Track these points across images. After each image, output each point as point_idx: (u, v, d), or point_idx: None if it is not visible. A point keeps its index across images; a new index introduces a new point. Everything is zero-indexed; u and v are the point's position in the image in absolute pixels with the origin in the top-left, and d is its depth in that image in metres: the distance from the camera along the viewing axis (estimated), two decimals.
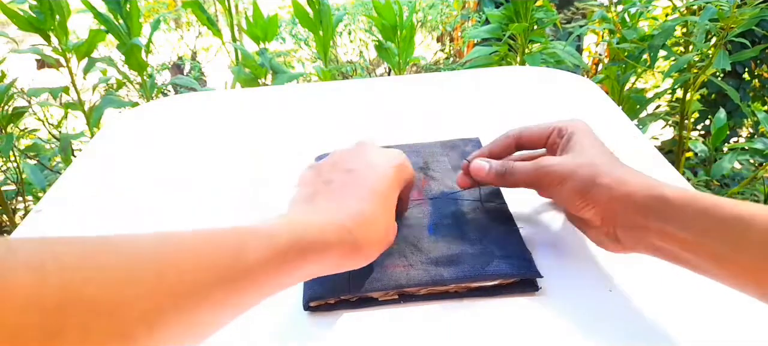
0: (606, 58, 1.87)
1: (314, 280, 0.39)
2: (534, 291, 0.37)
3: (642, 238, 0.34)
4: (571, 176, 0.37)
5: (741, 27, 1.22)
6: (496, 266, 0.38)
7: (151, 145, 0.64)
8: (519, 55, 1.45)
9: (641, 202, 0.34)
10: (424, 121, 0.64)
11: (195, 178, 0.56)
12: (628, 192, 0.34)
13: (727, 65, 1.24)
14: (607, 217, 0.36)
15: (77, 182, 0.58)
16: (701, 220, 0.31)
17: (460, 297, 0.37)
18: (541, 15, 1.42)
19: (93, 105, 1.49)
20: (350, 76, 2.44)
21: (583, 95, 0.68)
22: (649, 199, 0.33)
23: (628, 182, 0.35)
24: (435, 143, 0.55)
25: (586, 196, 0.36)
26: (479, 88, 0.73)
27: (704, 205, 0.31)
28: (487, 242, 0.40)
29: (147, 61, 1.46)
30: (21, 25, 1.33)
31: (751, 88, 1.92)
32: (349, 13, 2.58)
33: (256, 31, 1.46)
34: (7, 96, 1.37)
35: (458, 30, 2.79)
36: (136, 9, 1.42)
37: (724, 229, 0.30)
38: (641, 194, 0.34)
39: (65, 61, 1.41)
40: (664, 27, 1.34)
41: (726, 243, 0.30)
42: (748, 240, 0.29)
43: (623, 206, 0.35)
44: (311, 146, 0.57)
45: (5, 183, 1.54)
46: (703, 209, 0.31)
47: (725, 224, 0.30)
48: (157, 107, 0.76)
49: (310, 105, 0.72)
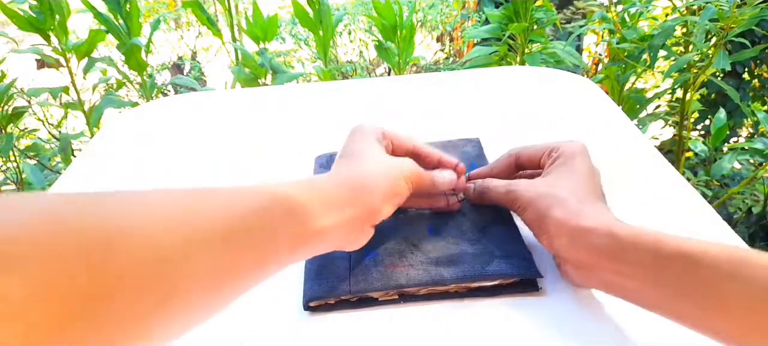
0: (606, 58, 1.87)
1: (314, 280, 0.39)
2: (534, 291, 0.37)
3: (589, 276, 0.34)
4: (531, 203, 0.37)
5: (741, 27, 1.22)
6: (497, 266, 0.38)
7: (151, 145, 0.64)
8: (519, 55, 1.45)
9: (587, 238, 0.33)
10: (424, 121, 0.64)
11: (195, 178, 0.56)
12: (577, 227, 0.34)
13: (727, 65, 1.24)
14: (556, 249, 0.36)
15: (77, 182, 0.58)
16: (647, 259, 0.30)
17: (460, 297, 0.37)
18: (540, 15, 1.42)
19: (93, 105, 1.49)
20: (350, 76, 2.44)
21: (583, 95, 0.68)
22: (596, 236, 0.33)
23: (580, 217, 0.34)
24: (435, 144, 0.55)
25: (541, 225, 0.36)
26: (479, 88, 0.73)
27: (647, 242, 0.31)
28: (487, 242, 0.40)
29: (147, 61, 1.46)
30: (21, 25, 1.33)
31: (751, 88, 1.92)
32: (349, 13, 2.58)
33: (256, 31, 1.46)
34: (7, 96, 1.37)
35: (458, 30, 2.80)
36: (136, 9, 1.42)
37: (668, 270, 0.29)
38: (588, 230, 0.33)
39: (65, 61, 1.41)
40: (664, 27, 1.34)
41: (668, 287, 0.29)
42: (693, 283, 0.28)
43: (570, 241, 0.34)
44: (311, 146, 0.57)
45: (5, 183, 1.54)
46: (650, 248, 0.30)
47: (670, 265, 0.29)
48: (157, 107, 0.76)
49: (310, 105, 0.72)
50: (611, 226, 0.33)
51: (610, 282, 0.33)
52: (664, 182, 0.49)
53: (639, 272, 0.31)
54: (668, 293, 0.30)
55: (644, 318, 0.35)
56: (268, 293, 0.40)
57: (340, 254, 0.40)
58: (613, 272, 0.32)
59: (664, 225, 0.43)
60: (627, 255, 0.31)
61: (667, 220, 0.44)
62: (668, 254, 0.30)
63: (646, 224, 0.43)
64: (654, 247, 0.30)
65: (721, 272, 0.27)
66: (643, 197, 0.47)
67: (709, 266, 0.28)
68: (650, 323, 0.35)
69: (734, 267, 0.27)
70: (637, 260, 0.31)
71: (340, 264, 0.39)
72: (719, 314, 0.28)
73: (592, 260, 0.33)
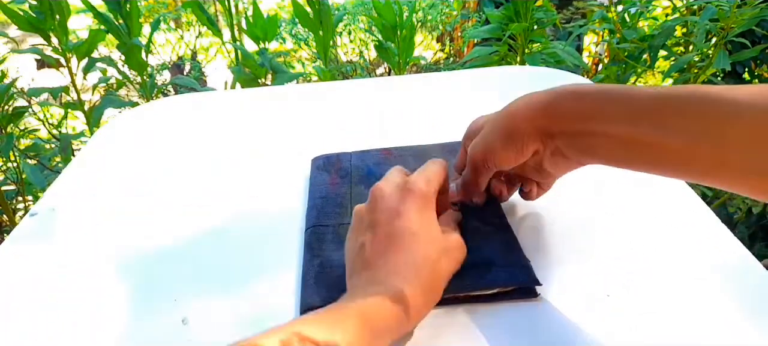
0: (606, 58, 1.87)
1: (312, 287, 0.38)
2: (533, 297, 0.37)
3: (576, 143, 0.35)
4: (490, 132, 0.39)
5: (741, 27, 1.22)
6: (496, 275, 0.37)
7: (151, 145, 0.64)
8: (519, 55, 1.45)
9: (559, 106, 0.35)
10: (424, 121, 0.64)
11: (195, 178, 0.56)
12: (542, 101, 0.36)
13: (727, 65, 1.24)
14: (542, 134, 0.36)
15: (77, 181, 0.58)
16: (620, 110, 0.32)
17: (459, 302, 0.37)
18: (541, 15, 1.42)
19: (93, 105, 1.48)
20: (350, 76, 2.43)
21: None
22: (565, 100, 0.34)
23: (535, 97, 0.36)
24: (435, 146, 0.55)
25: (513, 133, 0.37)
26: (479, 88, 0.73)
27: (619, 94, 0.32)
28: (485, 251, 0.40)
29: (147, 61, 1.46)
30: (21, 25, 1.33)
31: None
32: (349, 13, 2.58)
33: (256, 31, 1.46)
34: (7, 96, 1.37)
35: (458, 30, 2.79)
36: (136, 9, 1.42)
37: (644, 115, 0.30)
38: (556, 99, 0.35)
39: (65, 61, 1.41)
40: (664, 27, 1.34)
41: (649, 130, 0.30)
42: (669, 123, 0.29)
43: (545, 116, 0.35)
44: (311, 146, 0.57)
45: (5, 183, 1.53)
46: (621, 99, 0.32)
47: (644, 110, 0.30)
48: (157, 107, 0.76)
49: (310, 105, 0.72)
50: (573, 87, 0.35)
51: (594, 145, 0.34)
52: (664, 181, 0.49)
53: (619, 126, 0.32)
54: (650, 138, 0.31)
55: (642, 323, 0.35)
56: (264, 299, 0.40)
57: (338, 262, 0.40)
58: (594, 135, 0.33)
59: (664, 225, 0.44)
60: (602, 110, 0.33)
61: (668, 220, 0.44)
62: (646, 103, 0.31)
63: (646, 224, 0.44)
64: (622, 98, 0.32)
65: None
66: (642, 197, 0.47)
67: (694, 110, 0.29)
68: (648, 328, 0.35)
69: None
70: (612, 114, 0.32)
71: (338, 272, 0.39)
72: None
73: (575, 126, 0.34)
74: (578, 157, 0.36)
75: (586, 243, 0.42)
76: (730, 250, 0.41)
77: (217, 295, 0.40)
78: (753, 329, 0.34)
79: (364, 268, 0.35)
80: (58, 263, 0.45)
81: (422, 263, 0.34)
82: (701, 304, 0.36)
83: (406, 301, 0.32)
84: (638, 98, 0.31)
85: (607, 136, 0.33)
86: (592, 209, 0.44)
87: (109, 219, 0.50)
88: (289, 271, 0.42)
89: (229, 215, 0.49)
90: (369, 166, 0.52)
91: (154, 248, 0.46)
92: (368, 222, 0.37)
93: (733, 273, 0.38)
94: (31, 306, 0.40)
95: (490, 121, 0.39)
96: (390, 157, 0.54)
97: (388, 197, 0.37)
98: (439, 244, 0.36)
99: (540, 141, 0.36)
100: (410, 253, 0.34)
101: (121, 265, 0.44)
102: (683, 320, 0.35)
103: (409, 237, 0.35)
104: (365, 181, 0.50)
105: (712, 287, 0.37)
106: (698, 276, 0.38)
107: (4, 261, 0.46)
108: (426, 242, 0.35)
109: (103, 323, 0.38)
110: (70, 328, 0.38)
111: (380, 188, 0.38)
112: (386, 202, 0.37)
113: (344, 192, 0.49)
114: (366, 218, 0.37)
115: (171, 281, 0.42)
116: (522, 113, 0.37)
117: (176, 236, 0.47)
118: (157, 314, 0.39)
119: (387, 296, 0.32)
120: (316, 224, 0.45)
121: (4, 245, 0.48)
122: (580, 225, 0.44)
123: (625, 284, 0.38)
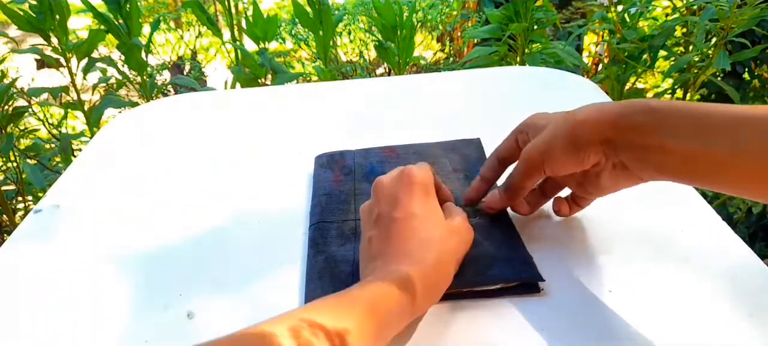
0: (606, 58, 1.87)
1: (316, 282, 0.39)
2: (535, 292, 0.37)
3: (644, 157, 0.34)
4: (553, 135, 0.37)
5: (741, 27, 1.22)
6: (499, 270, 0.38)
7: (151, 145, 0.64)
8: (519, 55, 1.45)
9: (630, 118, 0.34)
10: (424, 121, 0.64)
11: (195, 178, 0.56)
12: (614, 112, 0.35)
13: (727, 65, 1.24)
14: (607, 145, 0.35)
15: (77, 181, 0.58)
16: (694, 126, 0.31)
17: (461, 297, 0.37)
18: (540, 15, 1.42)
19: (93, 105, 1.48)
20: (350, 76, 2.43)
21: (583, 95, 0.68)
22: (636, 113, 0.33)
23: (605, 108, 0.35)
24: (435, 145, 0.55)
25: (578, 140, 0.36)
26: (479, 88, 0.73)
27: (691, 111, 0.32)
28: (488, 246, 0.40)
29: (147, 61, 1.46)
30: (21, 25, 1.33)
31: (751, 88, 1.92)
32: (349, 13, 2.58)
33: (256, 31, 1.46)
34: (7, 96, 1.37)
35: (458, 30, 2.79)
36: (136, 9, 1.42)
37: (720, 133, 0.30)
38: (627, 111, 0.34)
39: (65, 61, 1.41)
40: (664, 27, 1.34)
41: (724, 147, 0.30)
42: (746, 142, 0.29)
43: (614, 128, 0.34)
44: (311, 146, 0.57)
45: (5, 183, 1.53)
46: (694, 115, 0.31)
47: (720, 127, 0.30)
48: (157, 107, 0.76)
49: (310, 105, 0.72)
50: (645, 101, 0.33)
51: (661, 162, 0.33)
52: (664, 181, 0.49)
53: (686, 144, 0.31)
54: (719, 157, 0.30)
55: (645, 319, 0.35)
56: (269, 295, 0.40)
57: (343, 257, 0.40)
58: (662, 150, 0.32)
59: (664, 225, 0.44)
60: (669, 126, 0.32)
61: (667, 220, 0.44)
62: (714, 121, 0.31)
63: (646, 224, 0.44)
64: (694, 114, 0.31)
65: None
66: (642, 197, 0.47)
67: (758, 129, 0.29)
68: (651, 324, 0.35)
69: None
70: (680, 129, 0.32)
71: (342, 268, 0.39)
72: None
73: (640, 140, 0.33)
74: (641, 172, 0.35)
75: (589, 239, 0.42)
76: (732, 248, 0.41)
77: (221, 292, 0.40)
78: (754, 328, 0.34)
79: (371, 259, 0.36)
80: (62, 261, 0.45)
81: (428, 244, 0.35)
82: (704, 301, 0.36)
83: (414, 285, 0.33)
84: (712, 115, 0.31)
85: (676, 152, 0.32)
86: (594, 206, 0.44)
87: (112, 218, 0.50)
88: (291, 269, 0.42)
89: (229, 214, 0.49)
90: (372, 163, 0.52)
91: (156, 246, 0.46)
92: (373, 217, 0.38)
93: (736, 271, 0.38)
94: (34, 303, 0.41)
95: (554, 124, 0.38)
96: (393, 156, 0.54)
97: (387, 187, 0.39)
98: (443, 225, 0.37)
99: (603, 153, 0.36)
100: (414, 236, 0.35)
101: (124, 263, 0.44)
102: (686, 317, 0.35)
103: (412, 221, 0.36)
104: (368, 178, 0.50)
105: (714, 284, 0.37)
106: (701, 273, 0.38)
107: (7, 259, 0.46)
108: (429, 223, 0.36)
109: (104, 321, 0.38)
110: (72, 326, 0.38)
111: (380, 181, 0.39)
112: (386, 192, 0.38)
113: (348, 189, 0.49)
114: (371, 213, 0.39)
115: (174, 278, 0.42)
116: (591, 122, 0.36)
117: (178, 235, 0.47)
118: (161, 310, 0.39)
119: (394, 282, 0.32)
120: (320, 221, 0.45)
121: (7, 243, 0.48)
122: (582, 222, 0.44)
123: (628, 280, 0.38)
